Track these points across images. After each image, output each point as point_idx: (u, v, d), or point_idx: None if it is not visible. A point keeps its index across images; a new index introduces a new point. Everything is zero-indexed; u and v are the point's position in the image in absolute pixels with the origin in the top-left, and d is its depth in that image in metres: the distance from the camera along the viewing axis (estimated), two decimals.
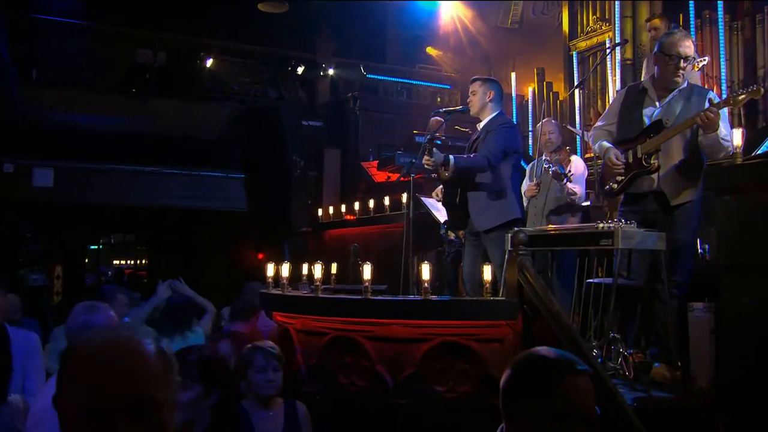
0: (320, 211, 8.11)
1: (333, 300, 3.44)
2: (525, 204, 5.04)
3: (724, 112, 3.26)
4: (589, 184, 5.77)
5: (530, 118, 8.30)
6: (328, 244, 7.97)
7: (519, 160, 4.35)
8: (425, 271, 3.18)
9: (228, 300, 5.90)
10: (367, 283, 3.26)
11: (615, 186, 3.53)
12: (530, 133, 8.04)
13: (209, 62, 9.56)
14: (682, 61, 3.37)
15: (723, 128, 3.25)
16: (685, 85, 3.47)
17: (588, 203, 5.33)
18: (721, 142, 3.22)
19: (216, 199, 9.05)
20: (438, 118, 5.34)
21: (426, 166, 4.10)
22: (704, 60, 5.18)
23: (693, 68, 5.16)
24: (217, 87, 9.58)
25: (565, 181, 4.53)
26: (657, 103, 3.50)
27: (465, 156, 4.13)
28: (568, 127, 6.83)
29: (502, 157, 4.14)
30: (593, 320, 3.46)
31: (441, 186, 4.48)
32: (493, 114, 4.34)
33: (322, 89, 10.37)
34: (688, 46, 3.39)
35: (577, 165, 4.90)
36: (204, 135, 9.01)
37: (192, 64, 9.50)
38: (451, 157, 4.01)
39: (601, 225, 3.03)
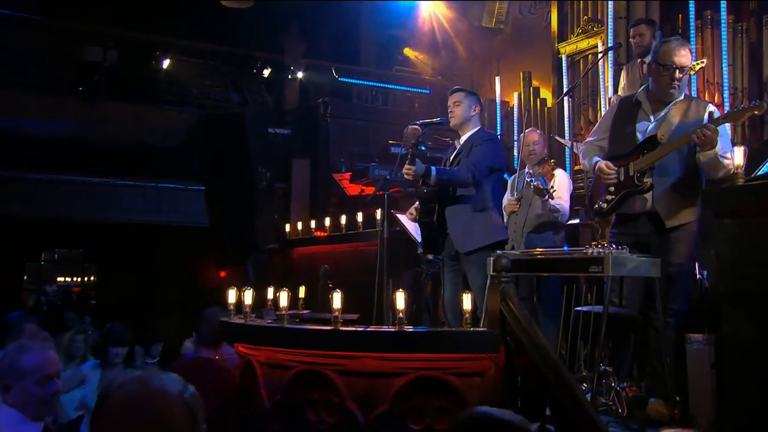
0: (288, 227, 8.10)
1: (300, 331, 3.39)
2: (505, 220, 5.05)
3: (725, 126, 3.28)
4: (578, 199, 5.81)
5: (515, 126, 8.35)
6: (296, 262, 7.92)
7: (503, 178, 4.36)
8: (399, 300, 3.14)
9: (187, 322, 5.82)
10: (337, 313, 3.21)
11: (605, 206, 3.54)
12: (515, 142, 8.09)
13: (166, 62, 9.44)
14: (678, 71, 3.39)
15: (722, 145, 3.27)
16: (681, 97, 3.49)
17: (576, 221, 5.35)
18: (720, 160, 3.24)
19: (173, 213, 8.96)
20: (415, 127, 5.33)
21: (406, 176, 4.09)
22: (702, 63, 5.20)
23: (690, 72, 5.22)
24: (174, 90, 9.50)
25: (546, 197, 4.54)
26: (651, 117, 3.53)
27: (447, 168, 4.13)
28: (556, 137, 6.88)
29: (487, 173, 4.16)
30: (583, 351, 3.45)
31: (416, 204, 4.46)
32: (476, 128, 4.37)
33: (291, 94, 10.34)
34: (684, 56, 3.41)
35: (561, 179, 4.91)
36: (160, 142, 8.92)
37: (146, 65, 9.39)
38: (432, 168, 4.01)
39: (590, 250, 3.02)
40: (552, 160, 4.95)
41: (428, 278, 5.92)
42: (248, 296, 3.71)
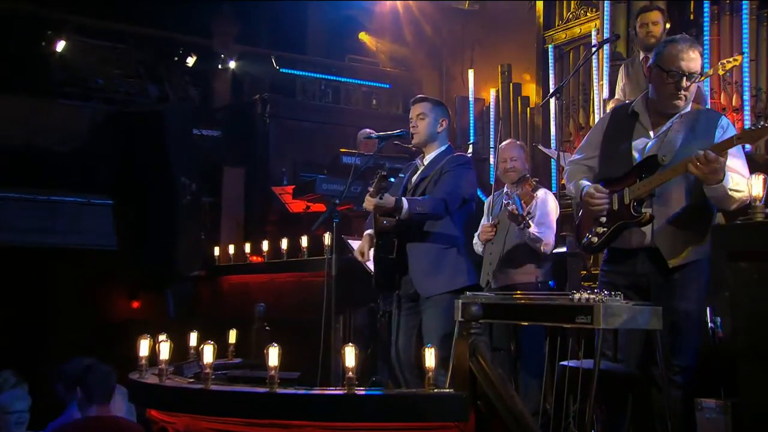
0: (217, 251, 8.04)
1: (228, 394, 3.33)
2: (480, 250, 5.07)
3: (740, 147, 3.31)
4: (567, 221, 5.86)
5: (491, 128, 8.44)
6: (226, 294, 7.85)
7: (473, 209, 4.45)
8: (349, 356, 3.11)
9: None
10: (273, 372, 3.17)
11: (595, 240, 3.56)
12: (492, 151, 8.15)
13: (60, 45, 9.13)
14: (684, 79, 3.41)
15: (735, 171, 3.28)
16: (688, 108, 3.52)
17: (563, 249, 5.39)
18: (730, 194, 3.26)
19: (72, 234, 8.81)
20: (369, 138, 5.33)
21: (367, 208, 4.10)
22: (735, 60, 5.23)
23: (719, 71, 5.29)
24: (73, 80, 9.26)
25: (522, 225, 4.58)
26: (651, 133, 3.55)
27: (419, 199, 4.15)
28: (540, 147, 6.95)
29: (459, 204, 4.23)
30: (570, 413, 3.46)
31: (368, 232, 4.46)
32: (442, 147, 4.40)
33: (221, 88, 10.27)
34: (694, 59, 3.42)
35: (544, 202, 4.94)
36: (56, 146, 8.75)
37: (36, 48, 9.14)
38: (404, 200, 4.02)
39: (576, 296, 3.03)
40: (534, 180, 4.99)
41: (386, 316, 5.91)
42: (164, 349, 3.64)
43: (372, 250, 4.44)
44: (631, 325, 3.04)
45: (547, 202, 4.95)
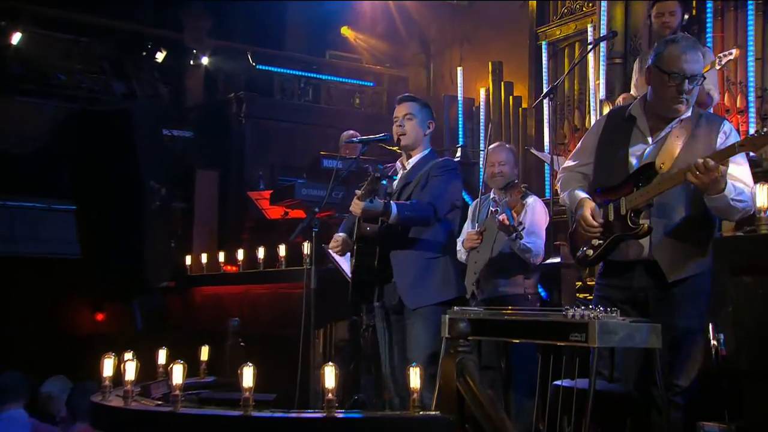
0: (188, 260, 8.03)
1: (198, 418, 3.32)
2: (463, 257, 5.07)
3: (742, 155, 3.32)
4: (560, 228, 5.87)
5: (481, 130, 8.46)
6: (198, 306, 7.84)
7: (459, 216, 4.47)
8: (329, 376, 3.10)
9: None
10: (247, 393, 3.16)
11: (590, 252, 3.56)
12: (481, 152, 8.16)
13: (17, 38, 8.99)
14: (686, 82, 3.42)
15: (738, 179, 3.30)
16: (689, 113, 3.53)
17: (557, 260, 5.41)
18: (733, 205, 3.27)
19: (32, 241, 8.74)
20: (350, 143, 5.33)
21: (354, 212, 4.10)
22: (730, 55, 5.20)
23: (715, 66, 5.29)
24: (31, 76, 9.19)
25: (514, 236, 4.58)
26: (649, 139, 3.56)
27: (408, 203, 4.16)
28: (533, 150, 6.96)
29: (448, 210, 4.24)
30: (567, 428, 3.46)
31: (341, 234, 4.47)
32: (426, 151, 4.42)
33: (193, 85, 10.24)
34: (696, 61, 3.43)
35: (535, 210, 4.95)
36: (13, 147, 8.69)
37: None
38: (393, 205, 4.02)
39: (570, 312, 3.04)
40: (523, 185, 5.00)
41: (369, 330, 5.89)
42: (130, 369, 3.61)
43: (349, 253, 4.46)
44: (629, 343, 3.05)
45: (537, 210, 4.96)
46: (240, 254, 7.24)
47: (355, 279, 4.35)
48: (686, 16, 5.56)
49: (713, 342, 3.89)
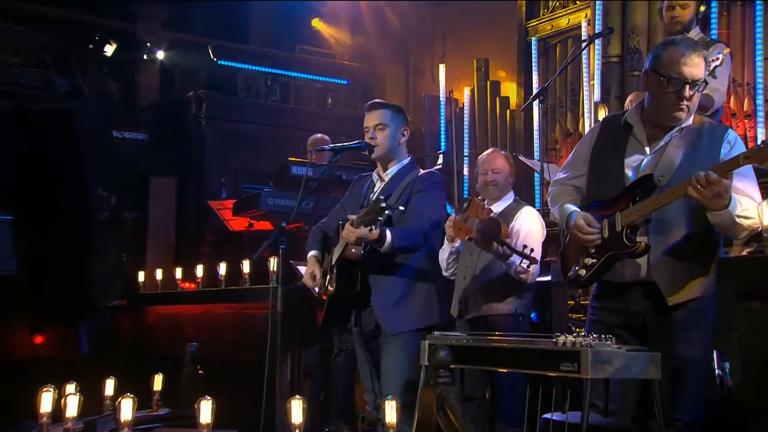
0: (141, 276, 8.02)
1: None
2: (445, 273, 5.06)
3: (749, 167, 3.33)
4: (552, 241, 5.87)
5: (465, 133, 8.48)
6: (152, 328, 7.80)
7: (442, 236, 4.50)
8: (296, 411, 3.09)
9: None
10: (205, 430, 3.15)
11: (583, 272, 3.57)
12: (466, 159, 8.19)
13: None
14: (687, 87, 3.44)
15: (743, 198, 3.32)
16: (690, 121, 3.55)
17: (548, 278, 5.42)
18: (739, 222, 3.28)
19: None
20: (321, 150, 5.32)
21: (348, 239, 4.10)
22: (716, 60, 5.18)
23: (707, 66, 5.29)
24: None
25: (517, 263, 4.52)
26: (647, 149, 3.57)
27: (401, 231, 4.17)
28: (521, 158, 6.96)
29: (435, 231, 4.33)
30: None
31: (314, 254, 4.47)
32: (404, 161, 4.44)
33: (147, 82, 10.21)
34: (698, 65, 3.44)
35: (529, 223, 4.94)
36: None
37: None
38: (388, 232, 4.04)
39: (560, 339, 3.04)
40: (483, 202, 4.90)
41: (342, 356, 5.89)
42: (72, 405, 3.57)
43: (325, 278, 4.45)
44: (625, 374, 3.05)
45: (532, 222, 4.94)
46: (199, 270, 7.20)
47: (332, 305, 4.36)
48: (702, 8, 5.46)
49: (718, 371, 3.91)
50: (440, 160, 8.01)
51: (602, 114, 6.50)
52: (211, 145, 9.54)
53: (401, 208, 4.10)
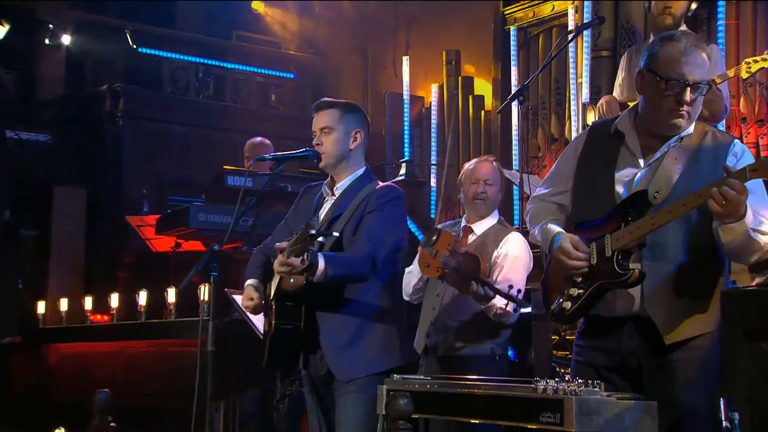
0: (42, 306, 8.02)
1: None
2: (408, 296, 5.09)
3: (758, 182, 3.37)
4: (535, 263, 5.93)
5: (432, 137, 8.52)
6: (54, 371, 7.77)
7: (402, 258, 4.47)
8: None
9: None
10: None
11: (568, 305, 3.59)
12: (433, 170, 8.23)
13: None
14: (688, 90, 3.48)
15: (757, 209, 3.36)
16: (690, 129, 3.60)
17: (528, 309, 5.47)
18: (753, 236, 3.31)
19: None
20: (261, 159, 5.34)
21: (279, 271, 4.09)
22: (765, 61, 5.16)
23: (742, 73, 5.32)
24: None
25: (499, 305, 4.57)
26: (640, 161, 3.61)
27: (340, 256, 4.16)
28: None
29: (391, 257, 4.25)
30: None
31: (251, 283, 4.47)
32: (358, 171, 4.41)
33: (50, 73, 10.17)
34: (699, 64, 3.46)
35: (513, 251, 4.96)
36: None
37: None
38: (320, 258, 4.01)
39: (541, 386, 3.08)
40: (452, 232, 4.93)
41: (286, 403, 5.90)
42: None
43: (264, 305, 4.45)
44: (616, 427, 3.08)
45: (519, 255, 4.95)
46: (114, 300, 7.18)
47: (274, 345, 4.34)
48: (694, 5, 5.62)
49: (725, 423, 3.95)
50: (403, 170, 8.03)
51: (591, 117, 6.58)
52: (129, 148, 9.53)
53: (335, 233, 4.08)
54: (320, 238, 3.97)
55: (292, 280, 4.14)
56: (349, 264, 4.17)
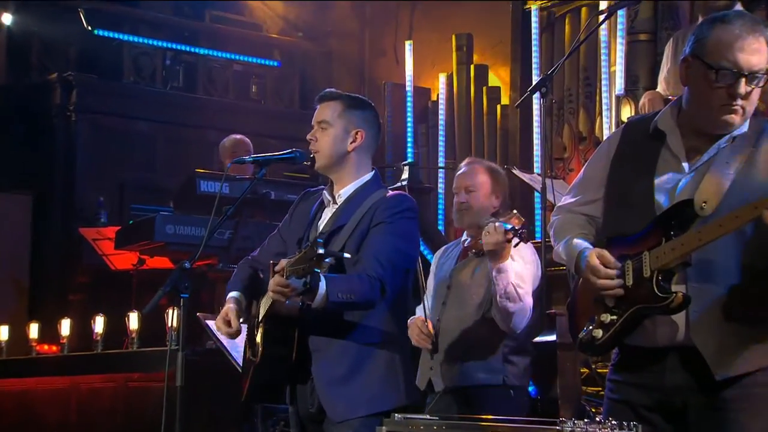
0: None
1: None
2: (425, 311, 5.11)
3: None
4: (556, 284, 5.94)
5: (441, 136, 8.52)
6: None
7: (412, 279, 4.49)
8: None
9: None
10: None
11: (599, 333, 3.58)
12: (441, 172, 8.23)
13: None
14: (743, 82, 3.47)
15: None
16: (744, 128, 3.59)
17: (551, 337, 5.48)
18: None
19: None
20: (240, 162, 5.35)
21: (274, 294, 4.08)
22: None
23: None
24: None
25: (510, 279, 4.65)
26: (685, 165, 3.60)
27: (344, 279, 4.14)
28: (515, 171, 7.02)
29: (401, 279, 4.25)
30: None
31: (234, 295, 4.47)
32: (365, 176, 4.39)
33: None
34: (756, 50, 3.46)
35: (520, 256, 5.00)
36: None
37: None
38: (322, 282, 4.00)
39: (567, 427, 3.08)
40: (515, 214, 4.98)
41: None
42: None
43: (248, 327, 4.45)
44: None
45: (524, 256, 5.01)
46: (65, 326, 7.17)
47: (259, 374, 4.34)
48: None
49: None
50: (405, 174, 8.02)
51: (627, 112, 6.59)
52: (83, 148, 9.54)
53: (347, 255, 4.00)
54: (328, 259, 3.92)
55: (287, 302, 4.13)
56: (355, 289, 4.12)
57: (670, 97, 5.61)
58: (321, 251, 3.75)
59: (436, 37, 9.15)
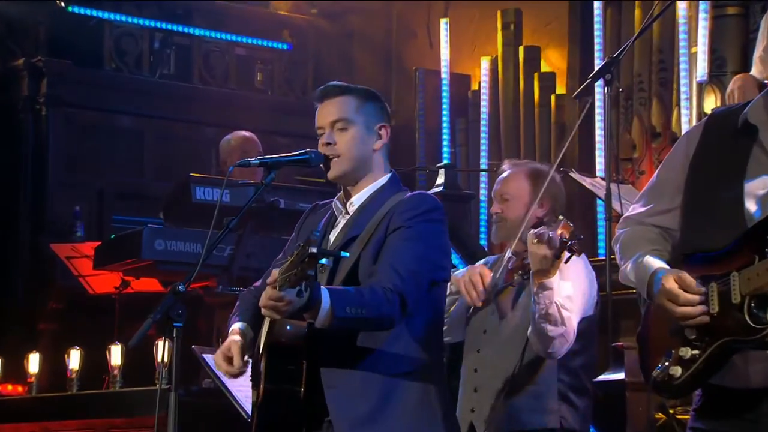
0: None
1: None
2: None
3: None
4: (623, 309, 5.94)
5: (484, 133, 8.54)
6: None
7: (446, 289, 4.48)
8: None
9: None
10: None
11: (677, 371, 3.59)
12: (483, 177, 8.24)
13: None
14: None
15: None
16: None
17: (619, 375, 5.48)
18: None
19: None
20: (245, 164, 5.37)
21: (263, 307, 4.08)
22: None
23: None
24: None
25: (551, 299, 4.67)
26: None
27: (351, 292, 4.13)
28: (573, 174, 7.03)
29: (425, 292, 4.21)
30: None
31: (238, 326, 4.47)
32: (383, 179, 4.40)
33: None
34: None
35: (576, 273, 5.01)
36: None
37: None
38: (324, 294, 3.98)
39: None
40: (568, 225, 5.00)
41: None
42: None
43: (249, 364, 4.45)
44: None
45: (576, 269, 5.03)
46: (33, 362, 7.21)
47: (261, 419, 4.35)
48: None
49: None
50: (441, 179, 8.03)
51: (711, 102, 6.58)
52: (56, 148, 9.59)
53: (345, 254, 4.04)
54: (324, 260, 3.93)
55: (288, 327, 4.11)
56: (366, 303, 4.07)
57: (766, 82, 5.58)
58: (313, 250, 3.70)
59: (478, 13, 9.18)
